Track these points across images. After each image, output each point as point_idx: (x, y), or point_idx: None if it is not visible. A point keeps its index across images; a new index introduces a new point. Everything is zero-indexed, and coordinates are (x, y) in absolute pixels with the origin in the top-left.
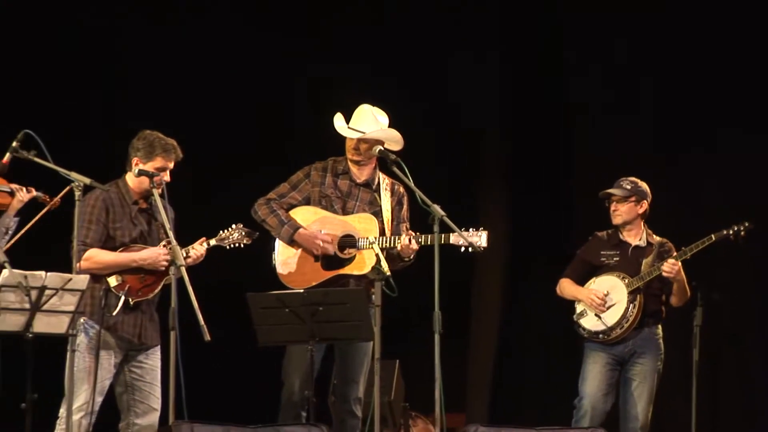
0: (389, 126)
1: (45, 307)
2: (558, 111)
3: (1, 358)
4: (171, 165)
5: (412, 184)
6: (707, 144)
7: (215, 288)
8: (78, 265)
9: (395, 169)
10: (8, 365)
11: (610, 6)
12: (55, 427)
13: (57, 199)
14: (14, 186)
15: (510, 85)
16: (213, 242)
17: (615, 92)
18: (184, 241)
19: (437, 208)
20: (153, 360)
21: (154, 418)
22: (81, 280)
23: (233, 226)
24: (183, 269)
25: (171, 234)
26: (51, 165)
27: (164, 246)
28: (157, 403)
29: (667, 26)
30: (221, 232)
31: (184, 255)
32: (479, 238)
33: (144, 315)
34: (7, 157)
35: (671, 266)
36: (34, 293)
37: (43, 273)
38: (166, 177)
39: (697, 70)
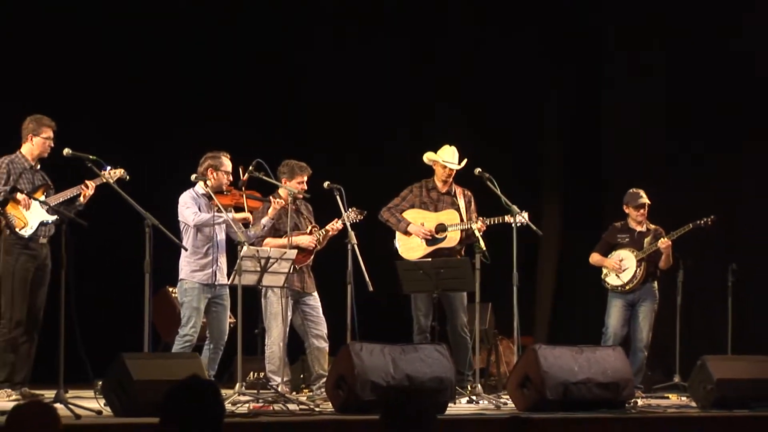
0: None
1: (270, 269)
2: (594, 128)
3: (242, 304)
4: (306, 179)
5: (499, 191)
6: (698, 155)
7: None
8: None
9: (489, 183)
10: (247, 308)
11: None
12: (265, 351)
13: (285, 203)
14: (270, 198)
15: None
16: (340, 222)
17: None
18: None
19: (515, 208)
20: (315, 301)
21: (324, 337)
22: (292, 253)
23: (349, 209)
24: (356, 246)
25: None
26: (275, 182)
27: (311, 231)
28: (324, 327)
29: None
30: (344, 214)
31: (325, 232)
32: (524, 217)
33: (304, 273)
34: (245, 176)
35: (664, 243)
36: (263, 261)
37: (268, 248)
38: (304, 186)
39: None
